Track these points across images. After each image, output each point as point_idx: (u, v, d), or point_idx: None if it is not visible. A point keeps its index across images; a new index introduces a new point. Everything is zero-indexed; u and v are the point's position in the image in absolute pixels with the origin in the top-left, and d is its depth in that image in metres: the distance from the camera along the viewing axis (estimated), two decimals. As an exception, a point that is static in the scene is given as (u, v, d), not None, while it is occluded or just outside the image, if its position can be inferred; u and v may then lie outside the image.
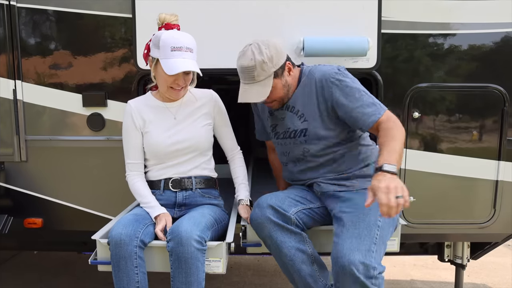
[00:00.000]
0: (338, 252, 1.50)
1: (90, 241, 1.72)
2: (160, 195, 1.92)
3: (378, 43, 2.25)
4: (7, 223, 2.49)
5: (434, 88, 2.34)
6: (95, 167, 2.44)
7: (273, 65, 1.71)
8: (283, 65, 1.75)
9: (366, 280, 1.44)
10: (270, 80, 1.72)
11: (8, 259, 3.82)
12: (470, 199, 2.41)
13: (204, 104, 1.95)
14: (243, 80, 1.76)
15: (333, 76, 1.73)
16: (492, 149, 2.36)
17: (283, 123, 1.86)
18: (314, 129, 1.78)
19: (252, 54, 1.69)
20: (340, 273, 1.48)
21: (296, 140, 1.83)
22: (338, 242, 1.55)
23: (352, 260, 1.45)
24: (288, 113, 1.85)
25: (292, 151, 1.86)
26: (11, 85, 2.40)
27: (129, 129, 1.91)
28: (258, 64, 1.68)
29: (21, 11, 2.36)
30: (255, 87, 1.72)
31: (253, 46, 1.71)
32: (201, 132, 1.91)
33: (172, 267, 1.62)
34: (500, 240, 2.54)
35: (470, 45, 2.33)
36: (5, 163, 2.48)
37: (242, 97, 1.76)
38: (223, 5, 2.27)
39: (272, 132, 1.95)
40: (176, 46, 1.72)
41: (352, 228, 1.57)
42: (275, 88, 1.74)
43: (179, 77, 1.78)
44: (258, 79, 1.70)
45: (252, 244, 1.87)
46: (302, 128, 1.80)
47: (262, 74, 1.70)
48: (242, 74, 1.74)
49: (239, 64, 1.74)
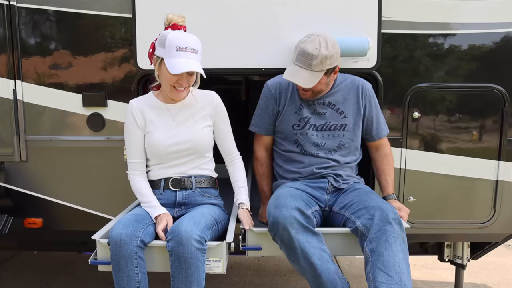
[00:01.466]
0: (379, 204, 1.76)
1: (90, 241, 1.72)
2: (160, 194, 1.92)
3: (378, 43, 2.25)
4: (7, 223, 2.49)
5: (434, 88, 2.34)
6: (95, 167, 2.44)
7: (330, 64, 1.86)
8: (335, 67, 1.92)
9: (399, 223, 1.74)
10: (321, 74, 1.87)
11: (8, 259, 3.82)
12: (470, 199, 2.41)
13: (205, 106, 1.95)
14: (298, 62, 1.87)
15: (371, 88, 2.10)
16: (492, 149, 2.36)
17: (323, 117, 2.03)
18: (351, 125, 2.04)
19: (319, 45, 1.82)
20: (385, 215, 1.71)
21: (335, 132, 2.03)
22: (374, 199, 1.82)
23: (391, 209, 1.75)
24: (329, 109, 2.03)
25: (328, 142, 2.04)
26: (11, 85, 2.40)
27: (131, 128, 1.91)
28: (321, 56, 1.82)
29: (21, 11, 2.36)
30: (306, 73, 1.85)
31: (321, 38, 1.84)
32: (201, 134, 1.91)
33: (172, 267, 1.62)
34: (500, 240, 2.54)
35: (470, 45, 2.33)
36: (5, 163, 2.48)
37: (291, 76, 1.89)
38: (222, 5, 2.27)
39: (301, 124, 2.04)
40: (182, 46, 1.72)
41: (373, 194, 1.91)
42: (319, 83, 1.89)
43: (183, 77, 1.78)
44: (313, 69, 1.84)
45: (252, 248, 1.86)
46: (342, 123, 2.03)
47: (318, 67, 1.84)
48: (301, 57, 1.85)
49: (303, 48, 1.84)
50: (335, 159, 2.04)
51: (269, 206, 1.81)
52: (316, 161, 2.04)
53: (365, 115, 2.07)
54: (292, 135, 2.05)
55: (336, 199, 2.00)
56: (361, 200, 1.83)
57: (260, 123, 2.14)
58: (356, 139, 2.08)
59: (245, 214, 1.89)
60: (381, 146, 2.13)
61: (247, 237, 1.86)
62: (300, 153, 2.05)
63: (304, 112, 2.03)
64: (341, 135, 2.04)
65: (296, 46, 1.90)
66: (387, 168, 2.09)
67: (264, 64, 2.31)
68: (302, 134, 2.04)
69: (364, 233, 1.73)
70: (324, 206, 2.00)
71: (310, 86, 1.88)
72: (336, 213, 1.95)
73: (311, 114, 2.03)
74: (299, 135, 2.05)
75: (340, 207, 1.93)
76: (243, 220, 1.86)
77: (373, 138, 2.11)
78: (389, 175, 2.08)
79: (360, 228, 1.74)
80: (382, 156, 2.12)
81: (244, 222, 1.85)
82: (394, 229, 1.68)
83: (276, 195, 1.86)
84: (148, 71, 2.31)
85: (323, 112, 2.04)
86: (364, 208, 1.77)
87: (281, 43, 2.28)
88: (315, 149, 2.04)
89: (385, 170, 2.09)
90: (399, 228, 1.70)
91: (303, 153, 2.05)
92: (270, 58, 2.30)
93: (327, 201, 2.01)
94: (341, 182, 2.02)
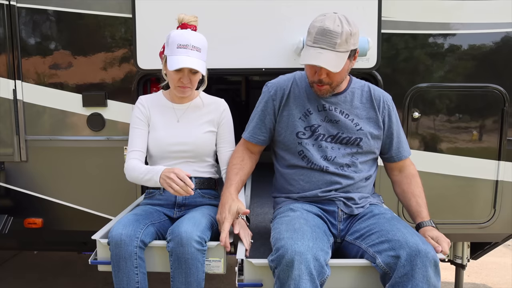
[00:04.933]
0: (407, 239, 1.39)
1: (90, 241, 1.72)
2: (160, 195, 1.92)
3: (378, 43, 2.25)
4: (7, 223, 2.49)
5: (434, 88, 2.34)
6: (95, 167, 2.44)
7: (354, 43, 1.54)
8: (355, 50, 1.59)
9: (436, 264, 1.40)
10: (346, 56, 1.53)
11: (8, 259, 3.83)
12: (470, 199, 2.41)
13: (211, 112, 1.94)
14: (318, 43, 1.52)
15: (391, 100, 1.79)
16: (492, 149, 2.36)
17: (336, 126, 1.69)
18: (367, 140, 1.70)
19: (340, 22, 1.50)
20: (415, 255, 1.35)
21: (346, 147, 1.69)
22: (400, 229, 1.45)
23: (423, 247, 1.37)
24: (342, 117, 1.69)
25: (338, 156, 1.68)
26: (11, 85, 2.40)
27: (136, 119, 1.91)
28: (345, 33, 1.50)
29: (21, 11, 2.36)
30: (331, 55, 1.51)
31: (339, 15, 1.53)
32: (202, 138, 1.91)
33: (172, 267, 1.62)
34: (500, 240, 2.54)
35: (470, 45, 2.33)
36: (5, 163, 2.48)
37: (314, 59, 1.52)
38: (222, 6, 2.27)
39: (308, 132, 1.70)
40: (182, 43, 1.73)
41: (398, 222, 1.54)
42: (342, 69, 1.56)
43: (184, 75, 1.78)
44: (338, 48, 1.50)
45: (251, 284, 1.52)
46: (357, 136, 1.69)
47: (343, 46, 1.51)
48: (322, 37, 1.51)
49: (324, 26, 1.50)
50: (347, 176, 1.68)
51: (280, 230, 1.47)
52: (324, 179, 1.68)
53: (383, 131, 1.74)
54: (297, 145, 1.71)
55: (350, 226, 1.65)
56: (383, 230, 1.48)
57: (251, 128, 1.80)
58: (372, 155, 1.75)
59: (241, 224, 1.69)
60: (405, 166, 1.81)
61: (245, 270, 1.51)
62: (307, 167, 1.70)
63: (313, 118, 1.69)
64: (354, 150, 1.70)
65: (311, 26, 1.55)
66: (416, 189, 1.75)
67: (264, 64, 2.31)
68: (308, 144, 1.69)
69: (387, 272, 1.39)
70: (337, 237, 1.67)
71: (337, 69, 1.52)
72: (351, 243, 1.60)
73: (321, 122, 1.69)
74: (305, 145, 1.70)
75: (355, 236, 1.58)
76: (243, 239, 1.63)
77: (392, 159, 1.79)
78: (420, 197, 1.72)
79: (382, 266, 1.40)
80: (408, 177, 1.79)
81: (244, 242, 1.62)
82: (426, 274, 1.33)
83: (291, 222, 1.50)
84: (148, 71, 2.31)
85: (335, 120, 1.69)
86: (387, 242, 1.42)
87: (281, 43, 2.28)
88: (325, 162, 1.69)
89: (415, 192, 1.74)
90: (434, 272, 1.35)
91: (310, 168, 1.70)
92: (270, 58, 2.30)
93: (340, 231, 1.66)
94: (354, 207, 1.66)
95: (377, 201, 1.76)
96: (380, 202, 1.78)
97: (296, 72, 1.80)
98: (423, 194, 1.74)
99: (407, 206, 1.75)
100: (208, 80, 1.93)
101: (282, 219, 1.56)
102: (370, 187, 1.77)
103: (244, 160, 1.81)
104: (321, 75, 1.57)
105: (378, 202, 1.76)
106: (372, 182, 1.78)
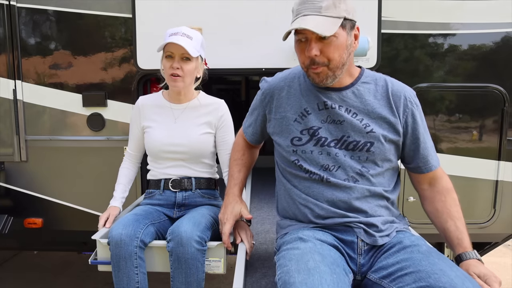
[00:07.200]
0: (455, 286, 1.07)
1: (90, 241, 1.72)
2: (160, 194, 1.92)
3: (378, 43, 2.25)
4: (7, 223, 2.49)
5: (434, 88, 2.34)
6: (95, 167, 2.44)
7: (346, 10, 1.25)
8: (354, 24, 1.30)
9: None
10: (338, 22, 1.24)
11: (8, 259, 3.83)
12: (470, 199, 2.41)
13: (209, 113, 1.93)
14: (302, 10, 1.26)
15: (415, 96, 1.39)
16: (492, 149, 2.36)
17: (340, 127, 1.35)
18: (380, 144, 1.34)
19: None
20: None
21: (354, 153, 1.34)
22: (444, 271, 1.11)
23: None
24: (348, 116, 1.34)
25: (343, 165, 1.34)
26: (11, 85, 2.41)
27: (133, 122, 1.96)
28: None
29: (21, 11, 2.36)
30: (318, 18, 1.23)
31: None
32: (199, 139, 1.89)
33: (172, 267, 1.62)
34: (500, 240, 2.55)
35: (470, 45, 2.33)
36: (5, 163, 2.48)
37: (298, 23, 1.25)
38: (222, 6, 2.27)
39: (305, 137, 1.38)
40: (173, 32, 1.76)
41: (438, 258, 1.19)
42: (338, 41, 1.25)
43: (174, 60, 1.78)
44: (325, 12, 1.23)
45: None
46: (366, 141, 1.33)
47: (331, 10, 1.24)
48: (304, 5, 1.26)
49: None
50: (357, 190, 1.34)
51: (289, 269, 1.13)
52: (336, 195, 1.33)
53: (406, 135, 1.37)
54: (291, 153, 1.39)
55: (373, 260, 1.30)
56: (421, 272, 1.12)
57: (246, 126, 1.64)
58: (388, 164, 1.37)
59: (243, 227, 1.67)
60: (436, 178, 1.44)
61: None
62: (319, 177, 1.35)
63: (312, 119, 1.37)
64: (363, 158, 1.34)
65: (293, 4, 1.32)
66: (453, 209, 1.37)
67: (264, 64, 2.31)
68: (305, 152, 1.37)
69: None
70: (356, 273, 1.30)
71: (329, 33, 1.21)
72: (375, 283, 1.24)
73: (321, 123, 1.36)
74: (300, 152, 1.37)
75: (381, 275, 1.22)
76: (244, 241, 1.60)
77: (420, 169, 1.42)
78: (459, 220, 1.35)
79: None
80: (442, 193, 1.41)
81: (245, 243, 1.58)
82: None
83: (303, 258, 1.16)
84: (148, 71, 2.32)
85: (339, 121, 1.35)
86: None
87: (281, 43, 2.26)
88: (326, 174, 1.34)
89: (452, 213, 1.36)
90: None
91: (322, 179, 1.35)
92: (270, 58, 2.30)
93: (360, 267, 1.30)
94: (377, 236, 1.30)
95: (404, 226, 1.40)
96: (407, 227, 1.43)
97: (293, 68, 1.53)
98: (461, 215, 1.37)
99: (443, 230, 1.38)
100: (208, 80, 1.93)
101: (291, 253, 1.22)
102: (394, 208, 1.42)
103: (245, 154, 1.68)
104: (311, 50, 1.26)
105: (405, 228, 1.40)
106: (395, 201, 1.42)
